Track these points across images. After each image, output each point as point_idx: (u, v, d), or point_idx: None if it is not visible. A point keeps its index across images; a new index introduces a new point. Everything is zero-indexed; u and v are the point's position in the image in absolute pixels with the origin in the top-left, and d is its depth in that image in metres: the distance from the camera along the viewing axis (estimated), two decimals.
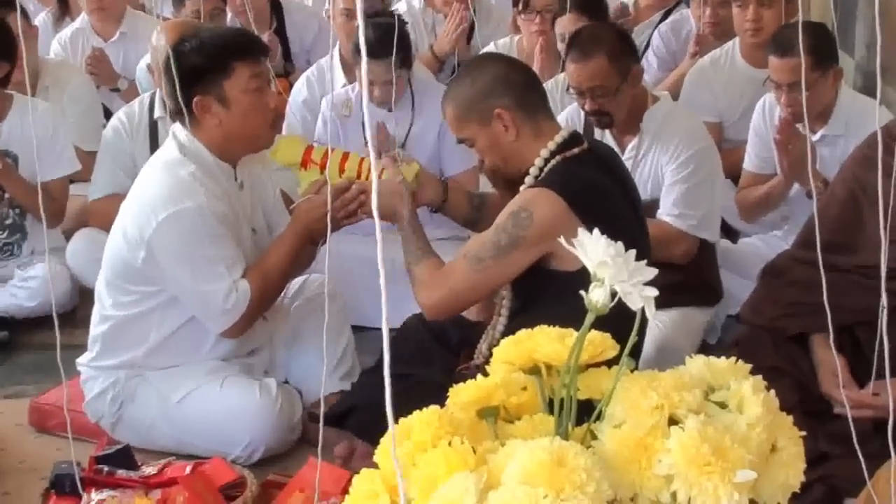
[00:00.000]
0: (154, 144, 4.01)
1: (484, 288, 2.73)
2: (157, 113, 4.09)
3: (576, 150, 2.76)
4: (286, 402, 3.14)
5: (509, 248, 2.64)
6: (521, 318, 2.57)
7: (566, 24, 4.30)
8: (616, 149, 3.62)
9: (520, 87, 2.77)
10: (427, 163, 4.10)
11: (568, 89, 3.62)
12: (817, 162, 3.71)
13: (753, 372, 1.65)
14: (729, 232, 4.22)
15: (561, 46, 4.27)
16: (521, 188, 2.78)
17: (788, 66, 3.61)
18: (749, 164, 4.06)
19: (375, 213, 1.14)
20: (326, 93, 4.42)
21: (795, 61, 3.56)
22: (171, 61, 2.80)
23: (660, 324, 3.37)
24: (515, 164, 2.79)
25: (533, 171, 2.75)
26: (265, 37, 4.80)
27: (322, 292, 3.32)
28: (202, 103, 2.97)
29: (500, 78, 2.76)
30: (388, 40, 3.80)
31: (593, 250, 1.46)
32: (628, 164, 3.54)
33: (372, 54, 3.83)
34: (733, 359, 1.65)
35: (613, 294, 1.47)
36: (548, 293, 2.64)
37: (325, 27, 5.53)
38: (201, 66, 2.95)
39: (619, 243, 1.49)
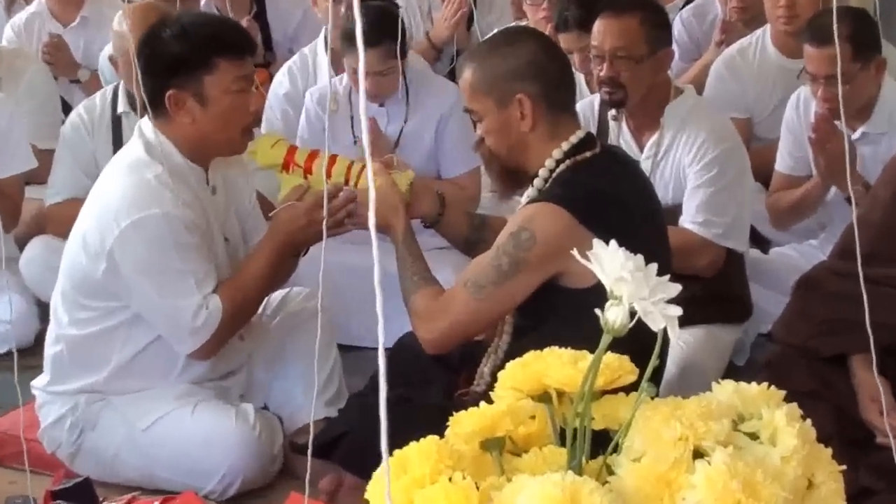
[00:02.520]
0: (117, 142, 4.01)
1: (488, 317, 2.74)
2: (121, 107, 4.10)
3: (587, 154, 2.76)
4: (265, 430, 3.14)
5: (512, 273, 2.64)
6: (527, 338, 2.56)
7: (570, 42, 4.30)
8: (634, 146, 3.64)
9: (553, 78, 2.76)
10: (423, 163, 4.09)
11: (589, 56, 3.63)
12: (857, 163, 3.71)
13: (787, 398, 1.65)
14: (759, 241, 4.23)
15: (572, 58, 4.27)
16: (526, 194, 2.79)
17: (826, 57, 3.62)
18: (781, 164, 4.07)
19: (372, 226, 1.14)
20: (310, 85, 4.42)
21: (834, 51, 3.57)
22: (144, 47, 2.80)
23: (683, 343, 3.37)
24: (518, 157, 2.78)
25: (543, 172, 2.75)
26: (243, 23, 4.80)
27: (305, 307, 3.33)
28: (176, 97, 2.97)
29: (535, 63, 2.74)
30: (378, 27, 3.82)
31: (610, 265, 1.46)
32: (647, 165, 3.55)
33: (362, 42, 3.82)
34: (765, 384, 1.65)
35: (632, 313, 1.47)
36: (557, 312, 2.64)
37: (309, 13, 5.54)
38: (180, 56, 2.95)
39: (639, 256, 1.49)
